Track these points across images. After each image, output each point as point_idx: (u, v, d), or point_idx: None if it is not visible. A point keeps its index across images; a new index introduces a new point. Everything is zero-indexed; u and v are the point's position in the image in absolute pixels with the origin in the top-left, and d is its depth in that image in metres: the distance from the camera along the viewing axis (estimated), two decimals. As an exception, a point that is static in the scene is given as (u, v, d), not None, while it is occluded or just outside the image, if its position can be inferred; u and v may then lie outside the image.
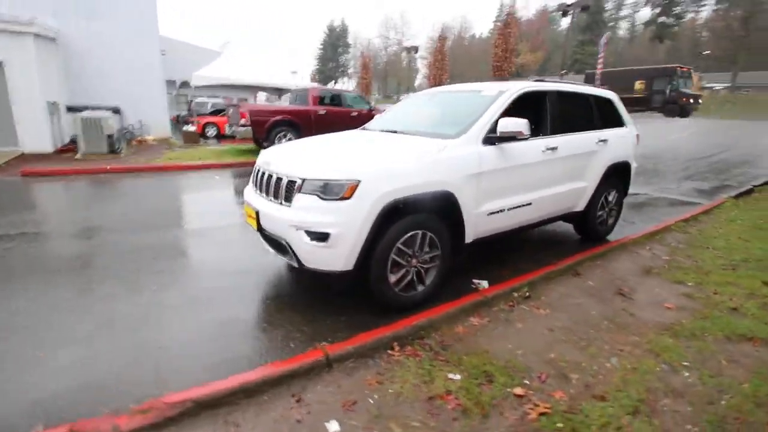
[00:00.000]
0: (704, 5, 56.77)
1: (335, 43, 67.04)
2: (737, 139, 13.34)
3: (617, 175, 4.20)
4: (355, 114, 10.80)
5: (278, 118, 9.71)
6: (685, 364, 2.10)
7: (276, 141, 9.75)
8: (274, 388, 1.91)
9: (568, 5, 19.72)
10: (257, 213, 2.75)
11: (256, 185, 3.02)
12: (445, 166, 2.75)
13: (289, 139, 9.91)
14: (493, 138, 2.98)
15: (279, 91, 20.32)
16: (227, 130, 10.77)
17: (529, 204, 3.34)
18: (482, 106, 3.17)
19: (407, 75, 62.33)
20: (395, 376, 2.05)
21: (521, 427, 1.72)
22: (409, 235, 2.61)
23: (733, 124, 19.21)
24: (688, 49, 54.48)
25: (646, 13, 59.40)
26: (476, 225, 3.00)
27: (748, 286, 2.95)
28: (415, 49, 28.02)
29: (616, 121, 4.23)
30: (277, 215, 2.59)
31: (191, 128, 12.92)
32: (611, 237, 4.30)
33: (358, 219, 2.41)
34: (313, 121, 10.17)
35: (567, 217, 3.96)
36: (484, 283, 3.13)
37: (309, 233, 2.43)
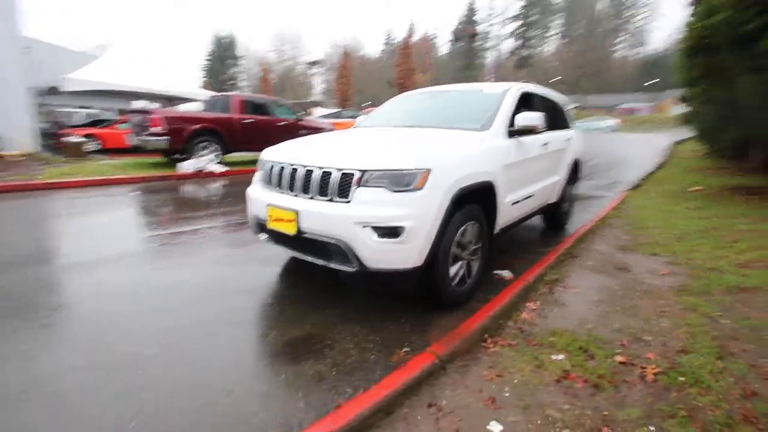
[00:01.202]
0: (550, 39, 69.17)
1: (224, 54, 63.13)
2: (597, 150, 16.33)
3: (574, 170, 4.79)
4: (282, 123, 10.28)
5: (199, 126, 8.69)
6: (718, 314, 2.46)
7: (195, 153, 8.70)
8: (409, 399, 1.67)
9: (461, 32, 21.99)
10: (297, 214, 2.41)
11: (276, 184, 2.65)
12: (488, 156, 2.79)
13: (213, 151, 8.96)
14: (512, 131, 3.14)
15: (171, 101, 18.24)
16: (131, 142, 9.21)
17: (532, 196, 3.59)
18: (494, 103, 3.32)
19: (304, 90, 61.84)
20: (507, 366, 1.98)
21: (652, 388, 1.81)
22: (464, 226, 2.57)
23: (586, 137, 23.54)
24: (542, 74, 65.40)
25: (509, 44, 69.78)
26: (503, 216, 3.09)
27: (706, 251, 3.62)
28: (318, 63, 27.95)
29: (568, 123, 4.84)
30: (331, 213, 2.30)
31: (75, 139, 10.75)
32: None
33: (431, 210, 2.28)
34: (239, 131, 9.37)
35: (544, 209, 4.34)
36: (506, 273, 3.23)
37: (377, 229, 2.21)
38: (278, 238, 2.69)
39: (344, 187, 2.32)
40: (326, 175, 2.38)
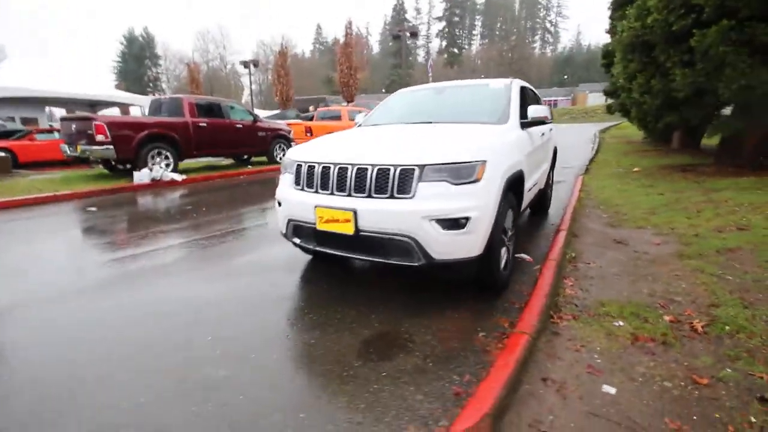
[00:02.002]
0: (474, 39, 73.08)
1: (139, 54, 57.82)
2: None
3: (554, 157, 5.20)
4: (239, 126, 9.79)
5: (149, 132, 7.98)
6: (721, 272, 2.87)
7: (147, 161, 7.99)
8: (524, 377, 1.76)
9: (399, 31, 22.44)
10: (355, 213, 2.37)
11: (320, 185, 2.58)
12: (518, 147, 2.97)
13: (166, 158, 8.28)
14: (524, 123, 3.35)
15: (92, 106, 16.46)
16: (66, 152, 8.16)
17: (537, 183, 3.85)
18: (502, 97, 3.52)
19: (234, 90, 58.82)
20: (584, 337, 2.15)
21: (707, 339, 2.09)
22: (507, 214, 2.72)
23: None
24: (470, 72, 69.01)
25: (436, 43, 72.60)
26: (525, 202, 3.31)
27: (681, 221, 4.16)
28: (255, 63, 26.65)
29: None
30: (395, 210, 2.31)
31: None
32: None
33: (491, 200, 2.39)
34: (194, 136, 8.76)
35: (538, 195, 4.67)
36: (526, 256, 3.46)
37: (443, 222, 2.28)
38: (324, 240, 2.62)
39: (404, 183, 2.34)
40: (383, 173, 2.38)
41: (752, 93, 5.34)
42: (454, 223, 2.29)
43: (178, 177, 8.01)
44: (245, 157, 11.04)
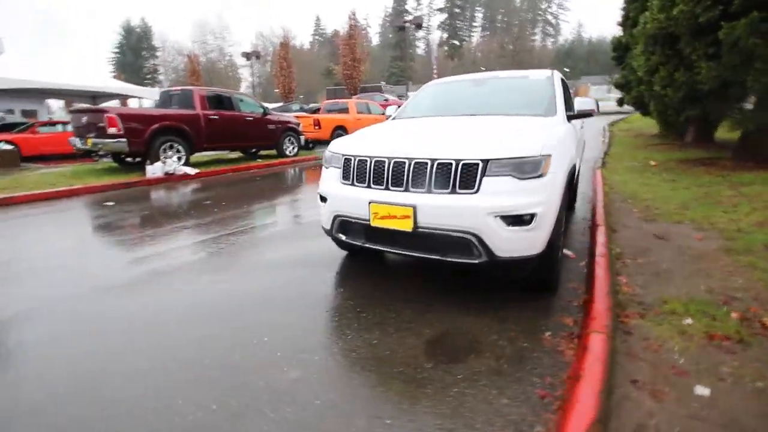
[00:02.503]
0: (475, 31, 72.57)
1: (137, 45, 57.04)
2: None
3: (582, 149, 5.13)
4: (250, 119, 9.65)
5: (161, 125, 7.84)
6: (775, 267, 2.82)
7: (159, 155, 7.86)
8: (613, 379, 1.70)
9: (404, 21, 22.17)
10: (414, 209, 2.29)
11: (374, 180, 2.49)
12: (569, 140, 2.89)
13: (177, 151, 8.14)
14: (569, 116, 3.27)
15: (94, 98, 16.22)
16: (75, 145, 8.01)
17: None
18: (545, 89, 3.43)
19: (233, 83, 58.20)
20: (658, 336, 2.09)
21: None
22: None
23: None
24: (470, 64, 68.58)
25: (437, 35, 72.06)
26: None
27: (719, 216, 4.10)
28: (257, 55, 26.20)
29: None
30: (458, 205, 2.23)
31: (5, 147, 9.16)
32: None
33: (555, 195, 2.32)
34: (205, 129, 8.62)
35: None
36: (568, 252, 3.40)
37: (508, 218, 2.20)
38: (378, 236, 2.54)
39: (468, 178, 2.26)
40: (444, 167, 2.30)
41: (782, 85, 5.27)
42: (519, 220, 2.22)
43: (191, 171, 7.89)
44: (252, 150, 10.90)
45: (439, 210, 2.27)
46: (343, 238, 2.78)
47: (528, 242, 2.28)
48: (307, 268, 3.26)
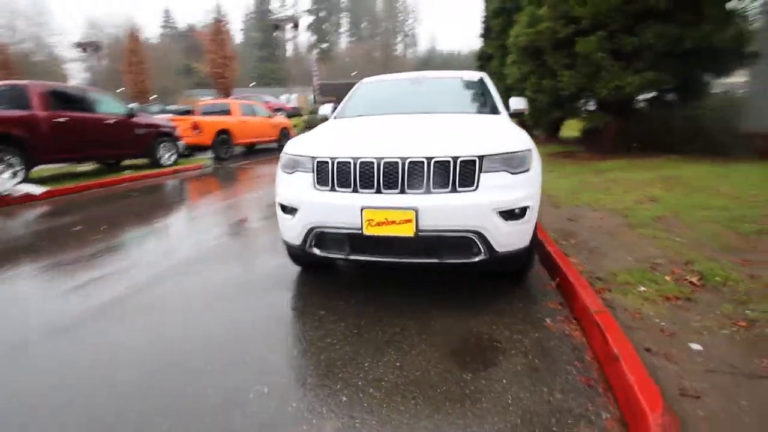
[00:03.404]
0: (342, 36, 74.25)
1: None
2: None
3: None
4: (111, 122, 7.94)
5: (-18, 130, 5.85)
6: (668, 236, 3.49)
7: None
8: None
9: (280, 20, 21.13)
10: (416, 212, 2.14)
11: (362, 184, 2.25)
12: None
13: (9, 166, 6.20)
14: (509, 114, 3.52)
15: None
16: None
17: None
18: (483, 88, 3.63)
19: (58, 80, 47.14)
20: (630, 306, 2.35)
21: (710, 290, 2.50)
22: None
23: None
24: (339, 70, 69.79)
25: (304, 37, 71.26)
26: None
27: (605, 198, 4.94)
28: (96, 46, 21.33)
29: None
30: (461, 204, 2.17)
31: None
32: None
33: (538, 188, 2.43)
34: (48, 134, 6.76)
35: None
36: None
37: (507, 213, 2.24)
38: (371, 246, 2.30)
39: (466, 175, 2.21)
40: (442, 165, 2.20)
41: (622, 92, 6.69)
42: (515, 214, 2.26)
43: (35, 190, 6.07)
44: (112, 161, 9.02)
45: (442, 211, 2.17)
46: (318, 252, 2.44)
47: (522, 235, 2.35)
48: (260, 294, 2.79)
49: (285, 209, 2.51)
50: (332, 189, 2.33)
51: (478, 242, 2.22)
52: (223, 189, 7.41)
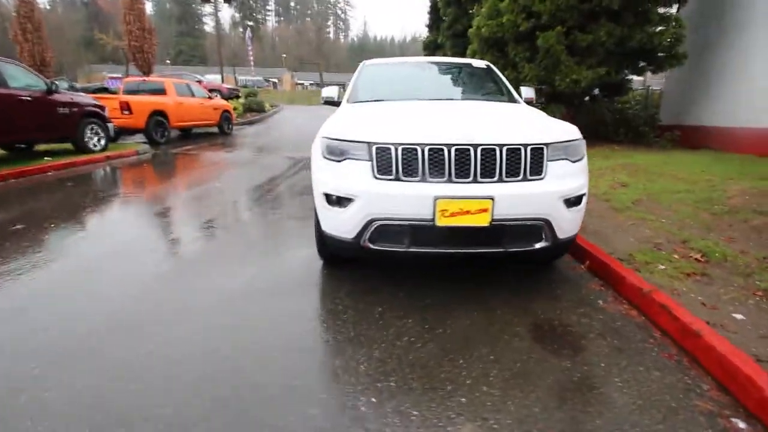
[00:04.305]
0: (269, 16, 70.11)
1: None
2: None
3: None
4: (27, 99, 6.64)
5: None
6: (655, 218, 3.87)
7: None
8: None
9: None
10: (493, 200, 2.09)
11: (424, 174, 2.13)
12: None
13: None
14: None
15: None
16: None
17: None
18: (496, 76, 3.65)
19: None
20: (663, 284, 2.57)
21: (716, 265, 2.82)
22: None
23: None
24: (269, 49, 66.13)
25: (228, 13, 65.98)
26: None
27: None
28: None
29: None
30: (532, 192, 2.17)
31: None
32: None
33: (587, 176, 2.50)
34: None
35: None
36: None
37: (570, 200, 2.29)
38: (442, 237, 2.20)
39: (536, 163, 2.21)
40: (514, 153, 2.17)
41: (579, 85, 7.22)
42: (575, 201, 2.32)
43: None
44: (23, 146, 7.59)
45: (517, 199, 2.14)
46: (372, 246, 2.28)
47: (578, 222, 2.42)
48: (289, 297, 2.54)
49: (333, 201, 2.29)
50: (396, 178, 2.17)
51: (545, 230, 2.24)
52: (177, 178, 6.63)
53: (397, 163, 2.16)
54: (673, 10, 7.37)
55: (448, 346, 1.98)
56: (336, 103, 3.57)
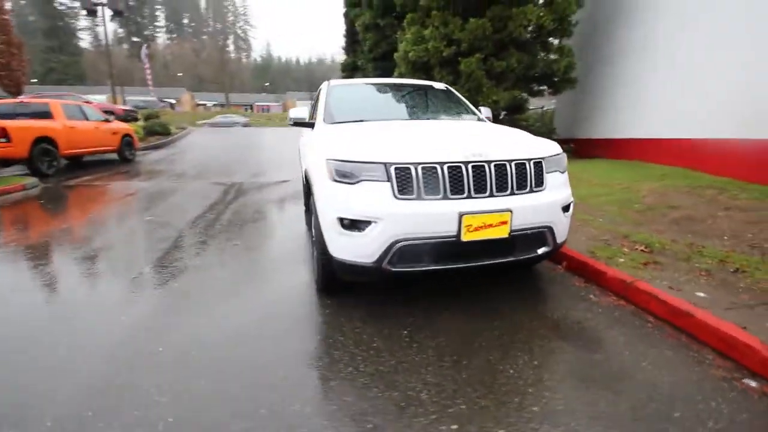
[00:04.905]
0: (160, 31, 64.82)
1: None
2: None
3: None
4: None
5: None
6: (592, 218, 4.44)
7: None
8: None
9: (93, 4, 16.90)
10: (511, 213, 2.22)
11: (452, 189, 2.19)
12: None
13: None
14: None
15: None
16: None
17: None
18: (456, 97, 3.89)
19: None
20: (631, 273, 2.96)
21: (659, 253, 3.35)
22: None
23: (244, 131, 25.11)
24: (161, 67, 60.81)
25: (111, 27, 59.13)
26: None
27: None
28: None
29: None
30: (540, 203, 2.37)
31: None
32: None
33: (568, 184, 2.79)
34: None
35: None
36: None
37: (564, 208, 2.53)
38: (465, 252, 2.26)
39: (539, 175, 2.41)
40: (521, 168, 2.34)
41: (498, 105, 8.02)
42: (567, 207, 2.57)
43: None
44: None
45: (529, 210, 2.30)
46: (393, 269, 2.24)
47: (568, 227, 2.66)
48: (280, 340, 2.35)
49: (349, 225, 2.20)
50: (418, 197, 2.17)
51: (548, 236, 2.43)
52: (94, 213, 5.63)
53: (418, 182, 2.17)
54: (565, 41, 8.68)
55: (490, 358, 2.01)
56: (307, 124, 3.45)
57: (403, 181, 2.18)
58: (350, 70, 14.96)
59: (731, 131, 5.84)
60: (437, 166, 2.19)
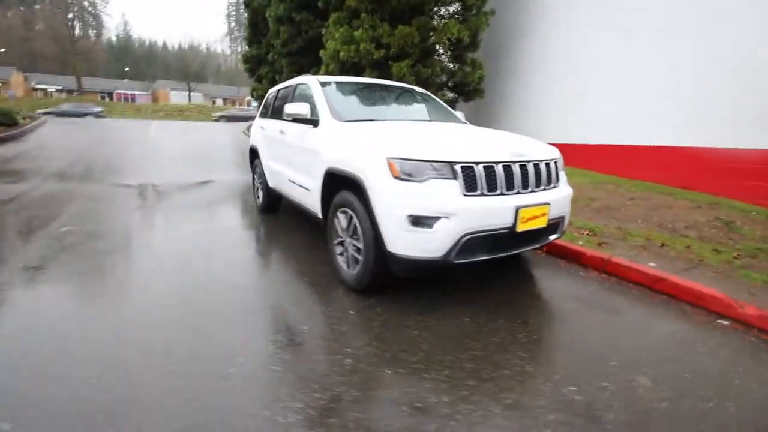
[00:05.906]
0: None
1: None
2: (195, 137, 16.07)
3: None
4: None
5: None
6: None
7: None
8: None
9: None
10: (549, 206, 2.61)
11: (501, 187, 2.47)
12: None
13: None
14: (460, 124, 4.24)
15: None
16: None
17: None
18: (436, 101, 4.18)
19: None
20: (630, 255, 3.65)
21: (634, 240, 4.18)
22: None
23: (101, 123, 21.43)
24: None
25: None
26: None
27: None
28: None
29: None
30: (562, 196, 2.82)
31: None
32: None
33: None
34: None
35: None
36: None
37: (570, 200, 3.02)
38: (515, 241, 2.57)
39: (556, 173, 2.84)
40: (547, 166, 2.73)
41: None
42: (570, 200, 3.07)
43: None
44: None
45: (557, 202, 2.71)
46: (456, 261, 2.41)
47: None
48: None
49: (421, 222, 2.29)
50: (481, 194, 2.38)
51: (561, 224, 2.89)
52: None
53: (481, 179, 2.37)
54: (477, 54, 9.75)
55: (545, 335, 2.34)
56: (309, 121, 3.31)
57: (469, 178, 2.36)
58: (256, 62, 14.06)
59: (605, 137, 7.49)
60: (494, 165, 2.43)
